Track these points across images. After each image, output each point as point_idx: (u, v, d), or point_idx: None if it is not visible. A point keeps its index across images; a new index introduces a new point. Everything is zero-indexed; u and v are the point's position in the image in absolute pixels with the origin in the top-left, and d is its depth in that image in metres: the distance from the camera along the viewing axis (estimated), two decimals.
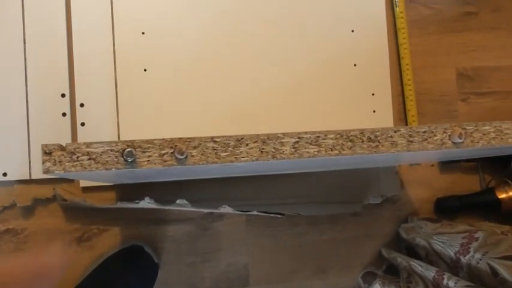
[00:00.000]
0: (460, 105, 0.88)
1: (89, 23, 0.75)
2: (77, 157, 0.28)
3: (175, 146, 0.29)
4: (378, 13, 0.85)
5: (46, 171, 0.28)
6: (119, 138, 0.74)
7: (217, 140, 0.30)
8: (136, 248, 0.75)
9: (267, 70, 0.80)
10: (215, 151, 0.30)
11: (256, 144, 0.30)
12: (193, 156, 0.29)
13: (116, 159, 0.29)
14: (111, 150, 0.29)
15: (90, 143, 0.28)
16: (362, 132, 0.31)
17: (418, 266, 0.69)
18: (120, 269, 0.73)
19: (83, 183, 0.74)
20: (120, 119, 0.75)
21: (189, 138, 0.29)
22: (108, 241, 0.76)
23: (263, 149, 0.30)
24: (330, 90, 0.82)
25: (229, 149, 0.30)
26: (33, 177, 0.73)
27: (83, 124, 0.74)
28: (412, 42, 0.87)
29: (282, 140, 0.30)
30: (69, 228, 0.75)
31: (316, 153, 0.31)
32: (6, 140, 0.72)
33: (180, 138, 0.29)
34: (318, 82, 0.82)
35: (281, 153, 0.30)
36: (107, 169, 0.29)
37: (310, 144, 0.31)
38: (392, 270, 0.82)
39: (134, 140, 0.29)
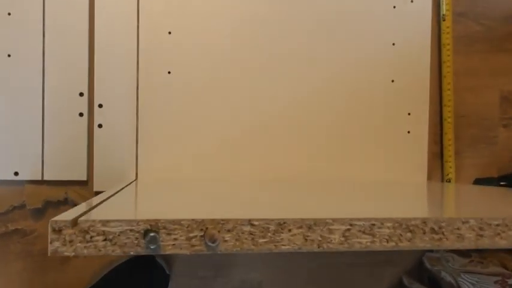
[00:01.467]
0: (500, 131, 0.82)
1: (113, 18, 0.70)
2: (91, 237, 0.24)
3: (206, 229, 0.25)
4: (423, 26, 0.79)
5: (54, 253, 0.24)
6: (137, 143, 0.70)
7: (255, 223, 0.25)
8: (148, 257, 0.72)
9: (298, 77, 0.75)
10: (252, 236, 0.25)
11: (300, 230, 0.26)
12: (226, 241, 0.25)
13: (136, 242, 0.24)
14: (131, 230, 0.24)
15: (107, 221, 0.24)
16: (424, 221, 0.27)
17: None
18: (130, 278, 0.70)
19: (97, 187, 0.70)
20: (140, 122, 0.71)
21: (222, 219, 0.25)
22: None
23: (308, 236, 0.26)
24: (363, 106, 0.77)
25: (269, 234, 0.25)
26: (45, 178, 0.69)
27: (100, 126, 0.70)
28: (456, 60, 0.81)
29: (331, 227, 0.26)
30: None
31: (369, 244, 0.26)
32: (19, 138, 0.68)
33: (213, 219, 0.25)
34: (352, 96, 0.76)
35: (328, 242, 0.26)
36: (124, 252, 0.24)
37: (363, 233, 0.26)
38: None
39: (158, 220, 0.25)
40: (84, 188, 0.71)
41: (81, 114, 0.70)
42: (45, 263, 0.71)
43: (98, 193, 0.71)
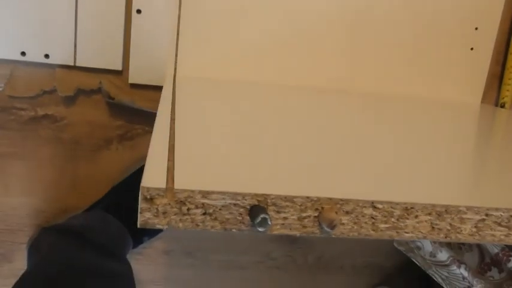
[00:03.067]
0: None
1: None
2: (188, 209, 0.20)
3: (322, 209, 0.21)
4: None
5: (144, 223, 0.20)
6: (177, 34, 0.64)
7: (379, 206, 0.21)
8: None
9: None
10: (373, 221, 0.21)
11: (428, 217, 0.22)
12: (342, 224, 0.21)
13: (240, 218, 0.21)
14: (235, 205, 0.20)
15: (208, 193, 0.20)
16: None
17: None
18: None
19: (132, 79, 0.65)
20: (183, 11, 0.64)
21: (341, 199, 0.21)
22: None
23: (436, 224, 0.22)
24: (427, 15, 0.69)
25: (392, 219, 0.22)
26: (77, 64, 0.64)
27: (139, 11, 0.63)
28: None
29: (464, 216, 0.22)
30: (112, 124, 0.68)
31: (503, 237, 0.23)
32: (50, 17, 0.61)
33: (330, 199, 0.21)
34: (416, 2, 0.68)
35: (458, 232, 0.22)
36: (225, 229, 0.21)
37: (499, 224, 0.22)
38: None
39: (268, 195, 0.20)
40: (118, 77, 0.66)
41: None
42: (75, 151, 0.69)
43: (133, 85, 0.66)
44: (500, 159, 0.35)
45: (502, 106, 0.75)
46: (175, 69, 0.65)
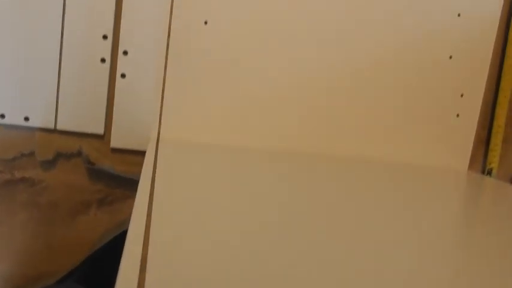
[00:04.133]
0: None
1: None
2: None
3: None
4: None
5: None
6: (162, 98, 0.63)
7: None
8: None
9: (346, 41, 0.66)
10: None
11: None
12: None
13: None
14: None
15: None
16: None
17: None
18: None
19: (114, 143, 0.64)
20: (168, 76, 0.63)
21: None
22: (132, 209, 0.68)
23: None
24: (414, 82, 0.69)
25: None
26: (58, 127, 0.62)
27: (123, 76, 0.62)
28: None
29: None
30: (91, 188, 0.66)
31: None
32: (32, 80, 0.60)
33: None
34: (404, 70, 0.68)
35: None
36: None
37: None
38: None
39: None
40: (100, 142, 0.64)
41: (103, 60, 0.61)
42: (52, 216, 0.66)
43: (114, 150, 0.64)
44: (500, 250, 0.33)
45: (489, 172, 0.75)
46: (158, 133, 0.64)
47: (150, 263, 0.23)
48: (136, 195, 0.36)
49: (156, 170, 0.44)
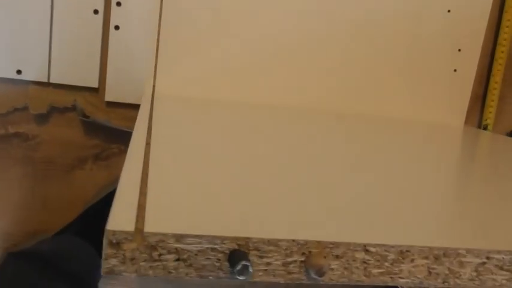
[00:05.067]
0: None
1: None
2: (159, 255, 0.18)
3: (309, 253, 0.19)
4: None
5: (108, 272, 0.18)
6: (157, 51, 0.62)
7: (372, 249, 0.19)
8: None
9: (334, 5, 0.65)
10: (365, 265, 0.20)
11: (425, 261, 0.20)
12: (332, 269, 0.19)
13: (218, 264, 0.19)
14: (213, 249, 0.18)
15: (182, 236, 0.18)
16: None
17: None
18: None
19: (109, 96, 0.63)
20: (162, 28, 0.62)
21: (331, 243, 0.19)
22: None
23: (433, 269, 0.20)
24: (411, 36, 0.68)
25: (386, 264, 0.20)
26: (51, 80, 0.61)
27: (117, 27, 0.61)
28: None
29: (463, 259, 0.20)
30: (87, 143, 0.66)
31: (505, 282, 0.21)
32: (24, 32, 0.59)
33: (318, 242, 0.19)
34: (401, 24, 0.67)
35: (457, 277, 0.21)
36: (202, 277, 0.19)
37: (501, 268, 0.21)
38: None
39: (249, 238, 0.18)
40: (94, 95, 0.63)
41: (96, 12, 0.60)
42: (47, 171, 0.66)
43: (109, 103, 0.63)
44: (498, 195, 0.33)
45: (485, 128, 0.75)
46: (153, 87, 0.63)
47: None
48: (130, 144, 0.35)
49: (152, 124, 0.43)
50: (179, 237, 0.18)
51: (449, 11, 0.69)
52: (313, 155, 0.37)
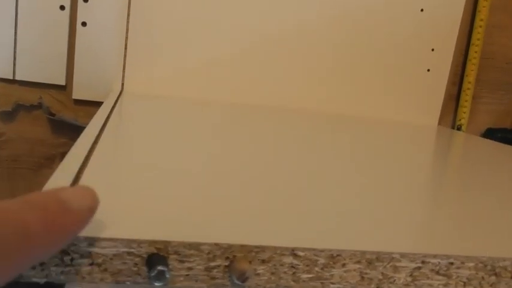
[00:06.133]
0: None
1: None
2: (71, 259, 0.17)
3: (234, 258, 0.18)
4: None
5: (17, 277, 0.17)
6: (125, 48, 0.61)
7: (300, 253, 0.19)
8: None
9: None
10: (293, 270, 0.19)
11: (357, 266, 0.19)
12: (258, 274, 0.19)
13: (136, 269, 0.18)
14: (129, 253, 0.18)
15: (95, 239, 0.17)
16: None
17: None
18: None
19: (76, 94, 0.62)
20: (131, 24, 0.61)
21: (256, 246, 0.18)
22: None
23: (366, 274, 0.20)
24: (384, 36, 0.68)
25: (316, 269, 0.19)
26: (17, 77, 0.60)
27: (84, 24, 0.60)
28: None
29: (397, 264, 0.20)
30: (54, 142, 0.64)
31: (441, 286, 0.20)
32: None
33: (243, 246, 0.18)
34: (373, 23, 0.67)
35: (391, 282, 0.20)
36: (118, 282, 0.18)
37: (437, 273, 0.20)
38: None
39: (169, 242, 0.18)
40: (61, 93, 0.62)
41: (62, 8, 0.59)
42: (14, 170, 0.64)
43: (77, 101, 0.62)
44: (448, 198, 0.33)
45: (459, 128, 0.75)
46: (122, 84, 0.62)
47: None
48: (77, 140, 0.34)
49: (109, 120, 0.42)
50: (92, 241, 0.17)
51: (422, 10, 0.68)
52: (264, 155, 0.37)
